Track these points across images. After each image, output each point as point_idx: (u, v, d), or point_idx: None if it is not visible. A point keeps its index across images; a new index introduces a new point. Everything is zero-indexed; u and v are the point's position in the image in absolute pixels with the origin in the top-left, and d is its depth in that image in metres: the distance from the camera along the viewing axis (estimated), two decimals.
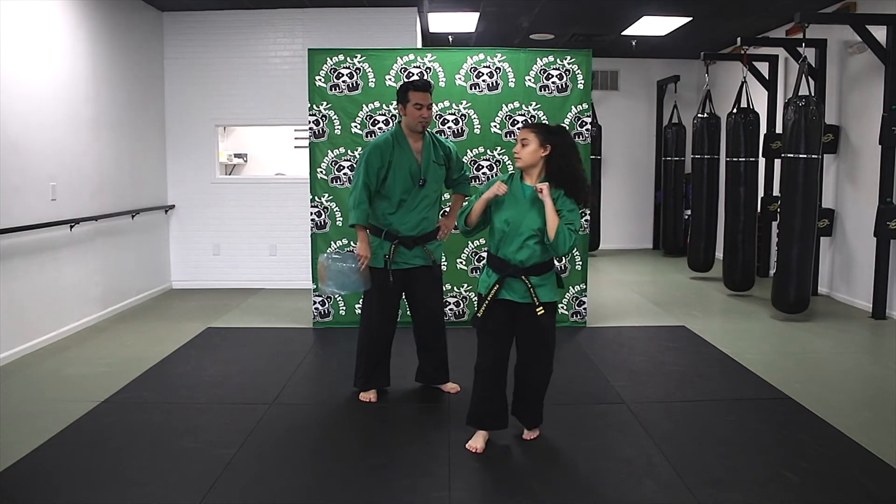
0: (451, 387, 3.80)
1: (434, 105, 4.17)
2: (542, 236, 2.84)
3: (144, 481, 2.75)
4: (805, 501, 2.62)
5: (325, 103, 5.08)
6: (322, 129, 5.11)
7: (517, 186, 2.92)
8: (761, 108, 6.84)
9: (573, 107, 5.10)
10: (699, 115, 7.30)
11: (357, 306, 5.22)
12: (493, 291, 2.88)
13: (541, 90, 5.08)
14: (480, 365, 3.02)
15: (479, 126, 5.10)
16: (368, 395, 3.67)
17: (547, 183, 2.83)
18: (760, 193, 6.96)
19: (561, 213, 2.81)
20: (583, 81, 5.09)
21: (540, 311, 2.84)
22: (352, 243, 5.16)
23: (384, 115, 5.08)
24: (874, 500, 2.63)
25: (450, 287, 5.10)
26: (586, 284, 5.24)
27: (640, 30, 7.48)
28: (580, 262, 5.21)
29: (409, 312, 3.75)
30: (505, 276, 2.87)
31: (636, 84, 9.65)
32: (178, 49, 6.68)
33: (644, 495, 2.71)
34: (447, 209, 3.95)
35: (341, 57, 5.07)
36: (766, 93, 7.02)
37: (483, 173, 5.12)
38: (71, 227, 5.02)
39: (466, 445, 3.05)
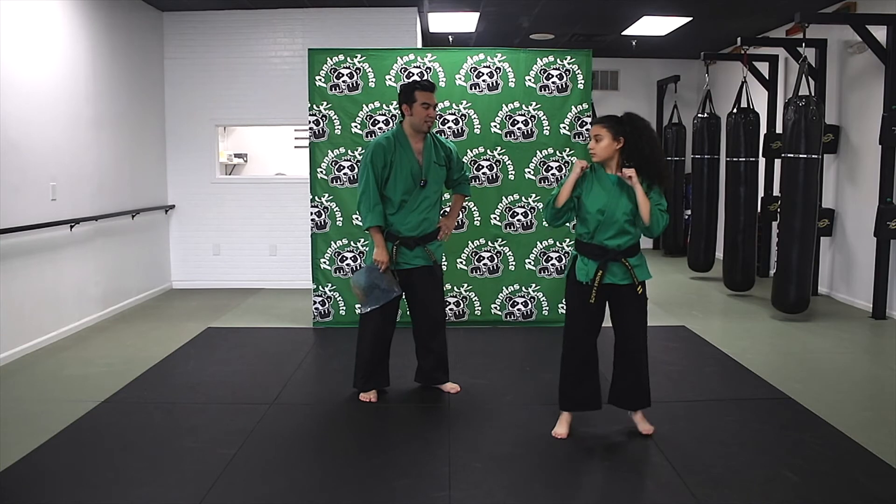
0: (450, 387, 3.80)
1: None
2: (634, 220, 2.97)
3: (144, 481, 2.75)
4: (805, 501, 2.62)
5: (325, 103, 5.08)
6: (322, 129, 5.11)
7: (602, 175, 3.03)
8: (761, 108, 6.84)
9: (573, 107, 5.10)
10: (699, 115, 7.30)
11: (357, 306, 5.22)
12: (598, 276, 2.98)
13: (541, 90, 5.08)
14: (575, 347, 3.11)
15: (479, 126, 5.10)
16: (368, 396, 3.67)
17: (633, 169, 2.93)
18: (760, 193, 6.96)
19: (648, 196, 2.94)
20: (583, 81, 5.09)
21: (640, 288, 3.02)
22: (352, 243, 5.16)
23: (384, 115, 5.08)
24: (874, 500, 2.63)
25: (450, 287, 5.10)
26: None
27: (640, 30, 7.48)
28: None
29: (408, 312, 3.75)
30: (606, 260, 2.99)
31: (636, 84, 9.66)
32: (178, 49, 6.68)
33: (644, 495, 2.71)
34: (447, 209, 3.95)
35: (341, 57, 5.07)
36: (766, 93, 7.02)
37: (483, 173, 5.12)
38: (71, 227, 5.02)
39: (552, 433, 3.15)
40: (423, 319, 3.69)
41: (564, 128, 5.10)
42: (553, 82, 5.08)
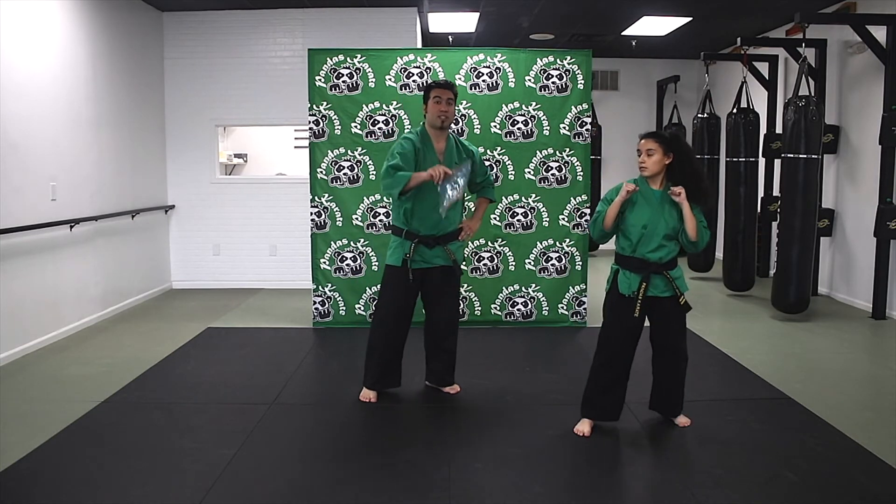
0: (451, 387, 3.80)
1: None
2: (675, 234, 3.06)
3: (144, 481, 2.75)
4: (805, 501, 2.62)
5: (325, 103, 5.08)
6: (322, 129, 5.11)
7: (646, 189, 3.09)
8: (761, 108, 6.84)
9: (573, 107, 5.10)
10: (699, 115, 7.30)
11: (357, 306, 5.23)
12: (642, 289, 3.03)
13: (541, 90, 5.08)
14: (608, 358, 3.15)
15: (479, 126, 5.10)
16: (369, 395, 3.65)
17: (681, 186, 3.01)
18: (760, 193, 6.96)
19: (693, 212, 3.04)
20: (583, 81, 5.09)
21: (682, 300, 3.09)
22: (352, 243, 5.16)
23: (384, 115, 5.08)
24: (874, 500, 2.63)
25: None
26: (586, 284, 5.24)
27: (640, 30, 7.48)
28: (580, 263, 5.21)
29: (423, 311, 3.73)
30: (649, 273, 3.04)
31: (636, 84, 9.65)
32: (178, 49, 6.68)
33: (644, 495, 2.70)
34: (472, 207, 3.95)
35: (341, 57, 5.07)
36: (766, 93, 7.02)
37: None
38: (71, 227, 5.02)
39: (574, 429, 3.19)
40: (438, 319, 3.68)
41: (564, 128, 5.10)
42: (553, 82, 5.08)
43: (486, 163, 5.09)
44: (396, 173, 3.40)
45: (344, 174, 5.12)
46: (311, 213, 5.17)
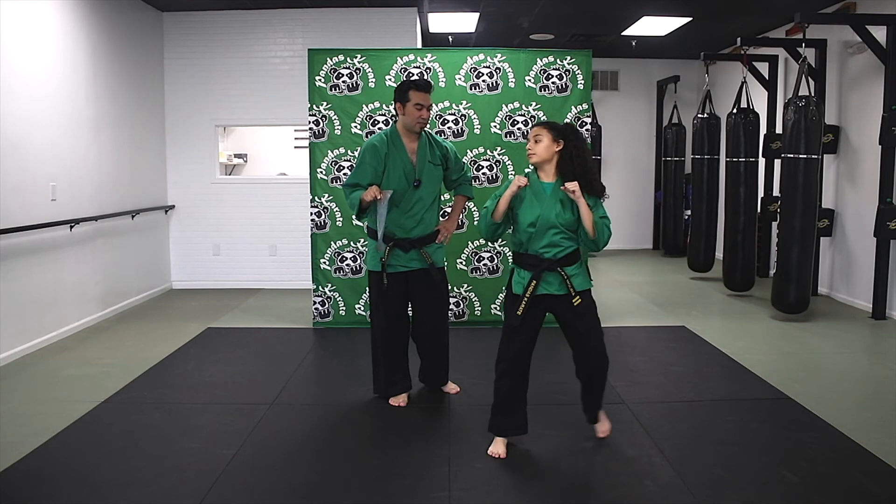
0: (450, 387, 3.79)
1: (434, 105, 4.15)
2: (569, 230, 2.88)
3: (144, 481, 2.75)
4: (805, 501, 2.62)
5: (325, 103, 5.09)
6: (322, 130, 5.11)
7: (536, 184, 2.94)
8: (761, 108, 6.84)
9: (573, 107, 5.10)
10: (699, 116, 7.30)
11: (357, 306, 5.23)
12: (531, 287, 2.88)
13: (541, 90, 5.08)
14: (506, 365, 3.00)
15: (479, 126, 5.10)
16: (398, 400, 3.61)
17: (576, 182, 2.84)
18: (760, 193, 6.96)
19: (591, 207, 2.86)
20: (583, 81, 5.10)
21: (577, 300, 2.89)
22: (352, 243, 5.16)
23: (384, 115, 5.08)
24: (874, 500, 2.63)
25: (450, 287, 5.09)
26: None
27: (640, 30, 7.48)
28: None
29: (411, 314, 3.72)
30: (540, 270, 2.89)
31: (636, 84, 9.65)
32: (178, 49, 6.68)
33: (644, 495, 2.70)
34: (447, 210, 3.92)
35: (341, 57, 5.07)
36: (766, 93, 7.02)
37: (483, 173, 5.12)
38: (71, 227, 5.02)
39: (488, 451, 3.02)
40: (421, 322, 3.65)
41: None
42: (553, 82, 5.08)
43: (486, 163, 5.11)
44: (352, 193, 3.41)
45: (344, 174, 5.11)
46: (311, 214, 5.17)
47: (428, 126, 3.53)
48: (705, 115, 7.26)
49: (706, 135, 7.24)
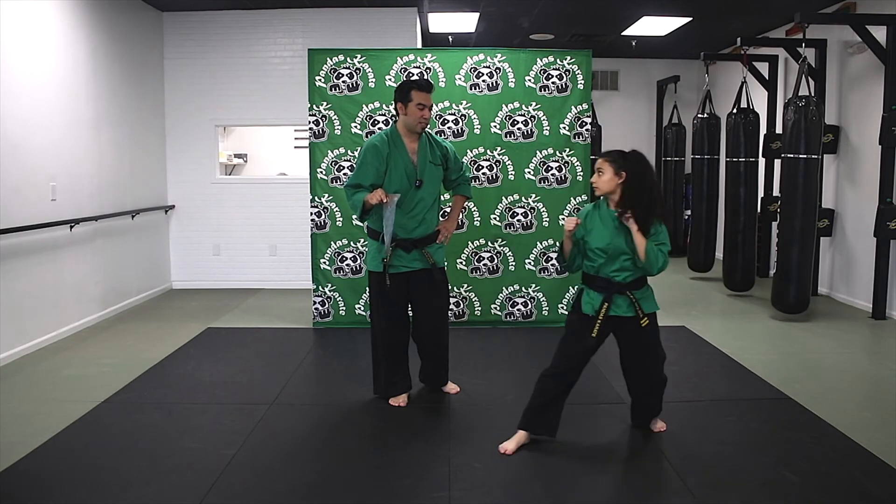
0: (450, 387, 3.79)
1: (434, 105, 4.15)
2: (634, 256, 2.98)
3: (144, 481, 2.75)
4: (805, 501, 2.62)
5: (325, 103, 5.09)
6: (322, 130, 5.11)
7: (605, 212, 3.05)
8: (761, 108, 6.84)
9: (573, 107, 5.10)
10: (699, 116, 7.30)
11: (357, 306, 5.23)
12: (604, 309, 3.00)
13: (541, 90, 5.08)
14: (560, 373, 3.07)
15: (479, 126, 5.10)
16: (398, 400, 3.61)
17: (630, 210, 2.95)
18: (760, 193, 6.96)
19: (649, 232, 2.94)
20: (583, 81, 5.10)
21: (644, 321, 3.03)
22: (352, 243, 5.16)
23: (384, 115, 5.08)
24: (874, 500, 2.63)
25: (450, 287, 5.09)
26: None
27: (640, 30, 7.48)
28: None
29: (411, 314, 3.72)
30: (611, 293, 3.00)
31: (636, 84, 9.65)
32: (178, 49, 6.68)
33: (644, 495, 2.70)
34: (447, 210, 3.92)
35: (341, 57, 5.07)
36: (766, 93, 7.02)
37: (483, 173, 5.12)
38: (71, 227, 5.02)
39: (500, 447, 3.05)
40: (422, 323, 3.65)
41: (564, 128, 5.10)
42: (553, 82, 5.08)
43: (486, 163, 5.11)
44: (354, 195, 3.40)
45: (344, 174, 5.11)
46: (311, 214, 5.17)
47: (428, 126, 3.53)
48: (705, 115, 7.26)
49: (706, 135, 7.24)
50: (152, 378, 4.06)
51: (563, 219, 3.06)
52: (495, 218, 5.16)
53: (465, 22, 7.14)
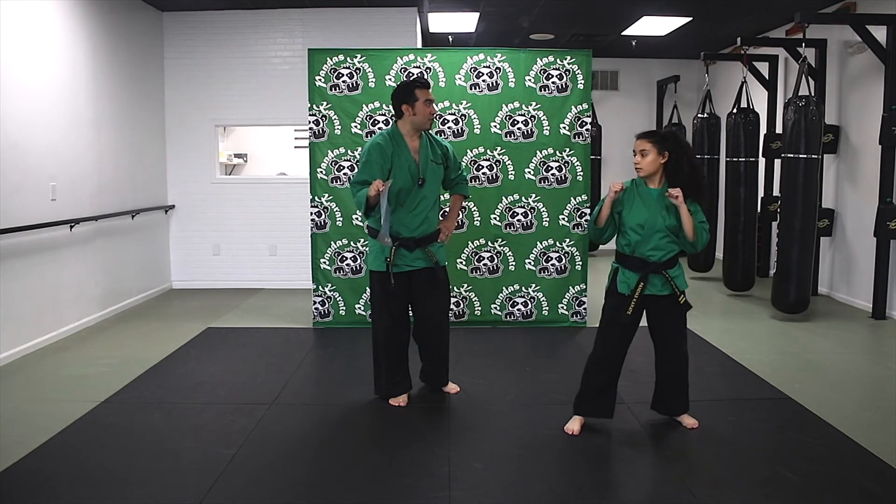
0: (450, 387, 3.79)
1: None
2: (672, 234, 3.04)
3: (144, 481, 2.75)
4: (805, 501, 2.62)
5: (325, 103, 5.09)
6: (322, 130, 5.11)
7: (644, 190, 3.10)
8: (761, 108, 6.84)
9: (573, 107, 5.10)
10: (699, 115, 7.30)
11: (357, 306, 5.23)
12: (639, 289, 3.04)
13: (541, 90, 5.08)
14: (602, 356, 3.16)
15: (479, 126, 5.10)
16: (398, 400, 3.61)
17: (679, 189, 2.99)
18: (760, 193, 6.96)
19: (691, 212, 3.02)
20: (583, 81, 5.09)
21: (682, 298, 3.09)
22: (352, 243, 5.16)
23: (384, 115, 5.08)
24: (874, 500, 2.63)
25: (450, 287, 5.09)
26: (586, 284, 5.24)
27: (640, 30, 7.48)
28: (580, 263, 5.21)
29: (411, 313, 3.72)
30: (647, 273, 3.04)
31: (636, 84, 9.65)
32: (178, 49, 6.68)
33: (644, 495, 2.71)
34: (447, 210, 3.92)
35: (341, 57, 5.07)
36: (766, 93, 7.02)
37: (483, 173, 5.12)
38: (71, 227, 5.02)
39: (564, 428, 3.19)
40: (423, 322, 3.66)
41: (564, 128, 5.10)
42: (553, 82, 5.08)
43: (486, 163, 5.11)
44: (360, 191, 3.40)
45: (344, 174, 5.12)
46: (311, 213, 5.17)
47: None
48: (705, 115, 7.26)
49: (706, 135, 7.24)
50: (152, 378, 4.06)
51: (612, 186, 3.10)
52: (495, 218, 5.16)
53: (465, 22, 7.14)
